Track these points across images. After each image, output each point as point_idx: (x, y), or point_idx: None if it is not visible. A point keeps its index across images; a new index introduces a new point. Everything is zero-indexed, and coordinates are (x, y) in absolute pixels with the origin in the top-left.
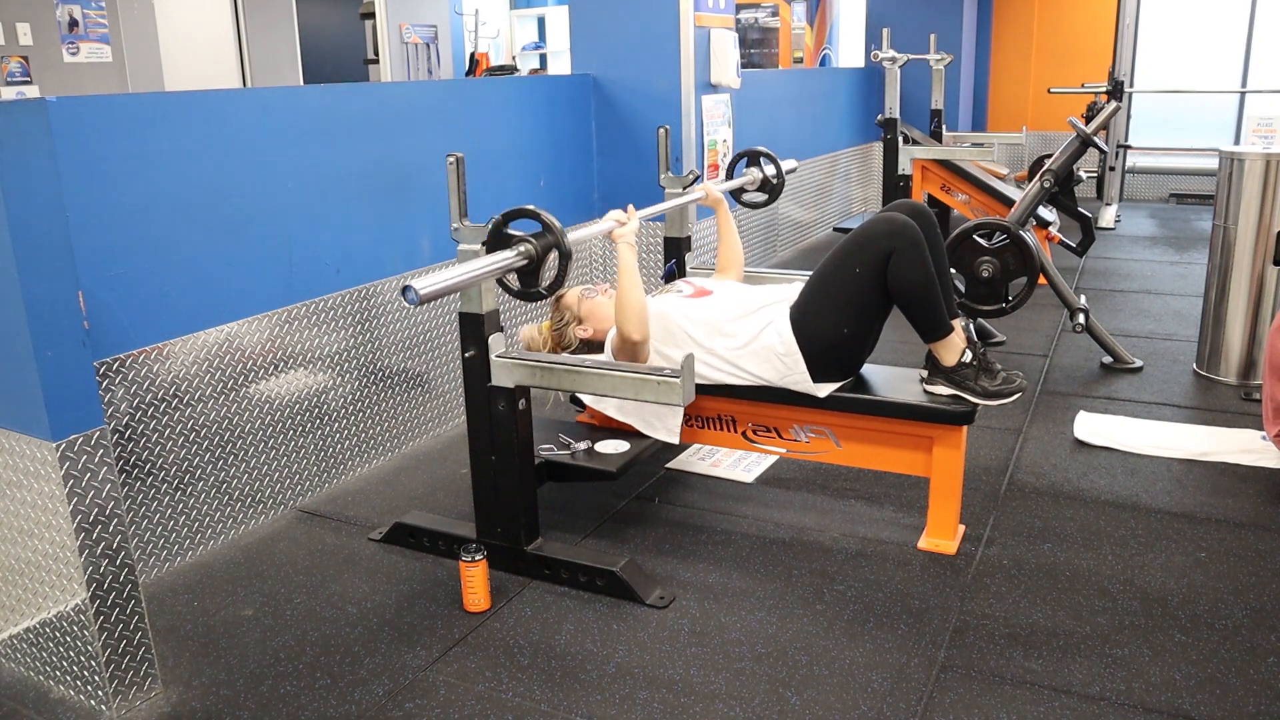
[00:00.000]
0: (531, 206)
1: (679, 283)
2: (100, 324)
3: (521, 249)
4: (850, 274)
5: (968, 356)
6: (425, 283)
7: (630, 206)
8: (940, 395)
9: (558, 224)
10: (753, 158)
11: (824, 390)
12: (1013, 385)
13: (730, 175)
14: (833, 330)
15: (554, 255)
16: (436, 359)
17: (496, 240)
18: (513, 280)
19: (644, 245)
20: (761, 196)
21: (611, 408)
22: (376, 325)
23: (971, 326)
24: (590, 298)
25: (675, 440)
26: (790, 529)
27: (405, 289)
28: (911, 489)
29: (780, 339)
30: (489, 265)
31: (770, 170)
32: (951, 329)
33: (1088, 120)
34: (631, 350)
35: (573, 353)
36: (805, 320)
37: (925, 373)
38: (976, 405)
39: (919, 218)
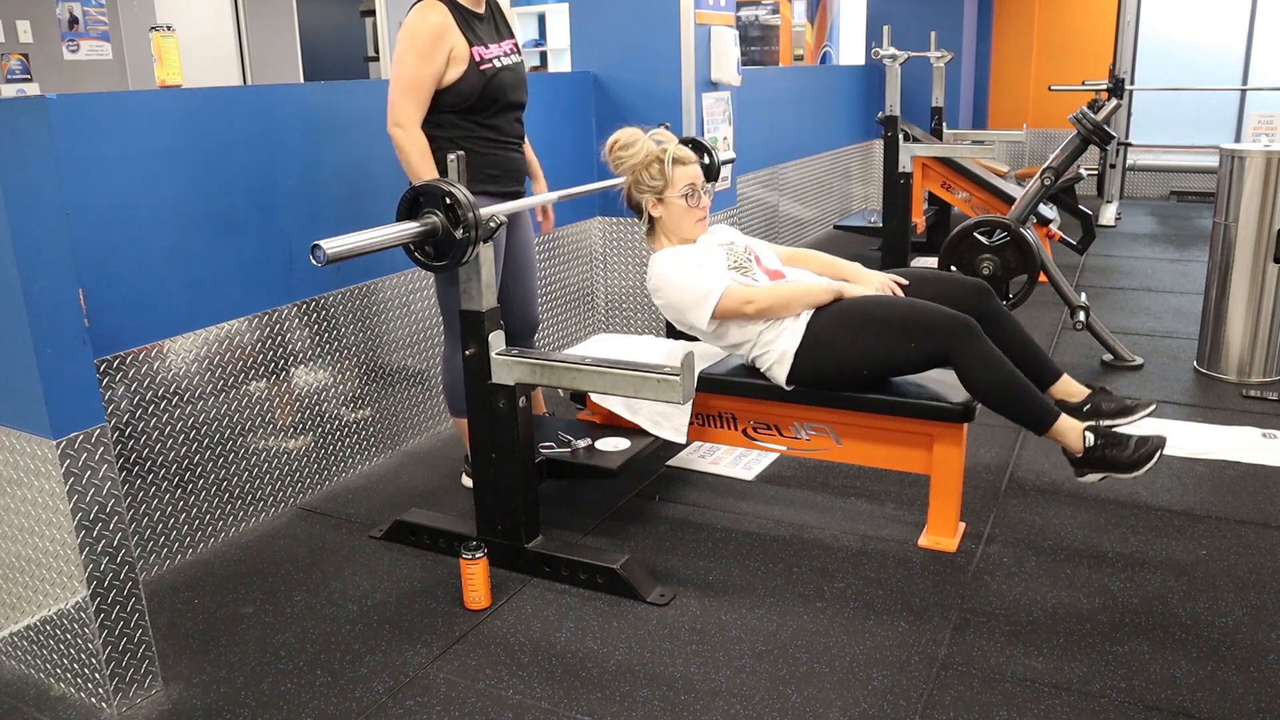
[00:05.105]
0: (445, 182)
1: (752, 262)
2: (100, 321)
3: (428, 220)
4: (904, 343)
5: (1090, 440)
6: (333, 243)
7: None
8: (1095, 481)
9: (465, 198)
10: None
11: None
12: (1148, 447)
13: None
14: (851, 364)
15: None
16: (436, 356)
17: (409, 211)
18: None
19: (643, 245)
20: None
21: (620, 406)
22: (376, 323)
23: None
24: (689, 200)
25: (682, 439)
26: (791, 526)
27: (314, 248)
28: (912, 486)
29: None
30: (393, 232)
31: (706, 159)
32: (1055, 415)
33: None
34: (737, 317)
35: (635, 203)
36: (823, 337)
37: (1072, 469)
38: (1133, 477)
39: (981, 298)
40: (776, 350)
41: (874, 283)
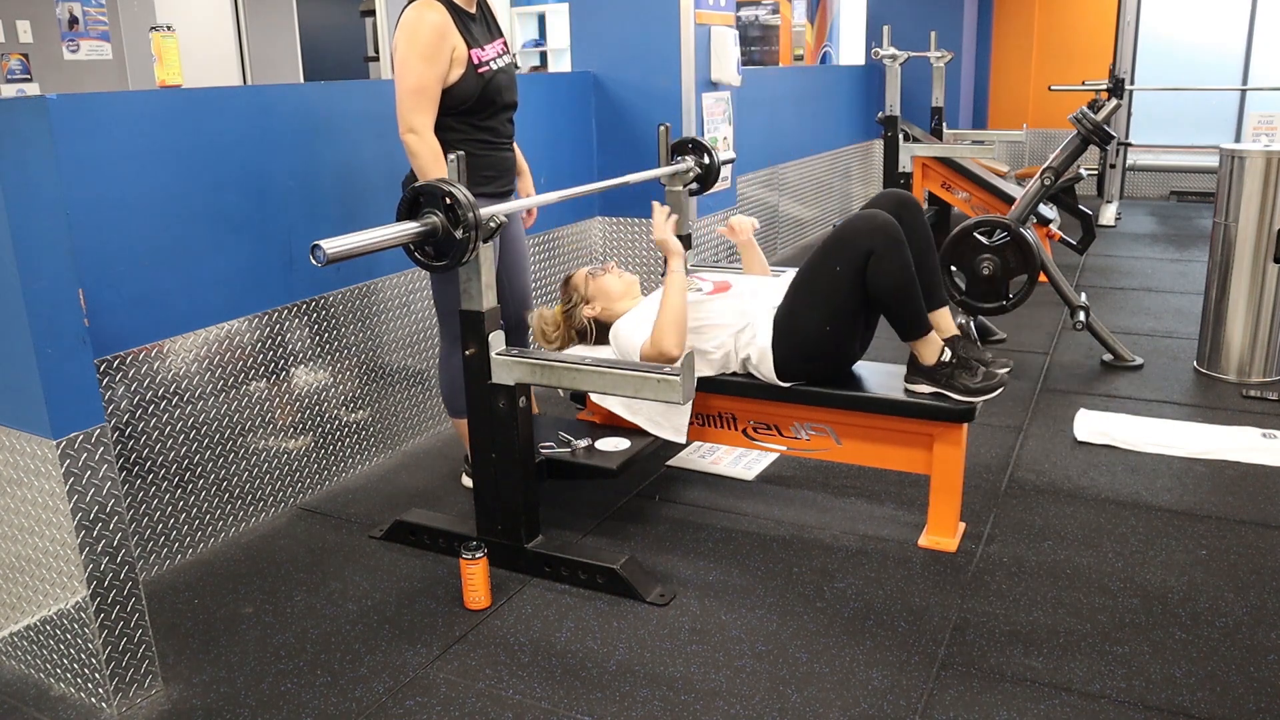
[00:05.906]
0: (445, 182)
1: (694, 279)
2: (100, 321)
3: (428, 220)
4: (831, 272)
5: (947, 355)
6: (333, 243)
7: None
8: (922, 394)
9: (466, 198)
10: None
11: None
12: (993, 381)
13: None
14: (815, 328)
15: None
16: (436, 356)
17: (409, 211)
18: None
19: (644, 245)
20: (695, 185)
21: (620, 406)
22: (376, 323)
23: (972, 324)
24: (597, 277)
25: (682, 439)
26: (790, 526)
27: (314, 248)
28: (912, 487)
29: (759, 337)
30: (393, 232)
31: (705, 159)
32: (929, 328)
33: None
34: (666, 360)
35: (584, 332)
36: (788, 318)
37: (906, 371)
38: (962, 403)
39: (904, 209)
40: (756, 350)
41: (674, 248)
